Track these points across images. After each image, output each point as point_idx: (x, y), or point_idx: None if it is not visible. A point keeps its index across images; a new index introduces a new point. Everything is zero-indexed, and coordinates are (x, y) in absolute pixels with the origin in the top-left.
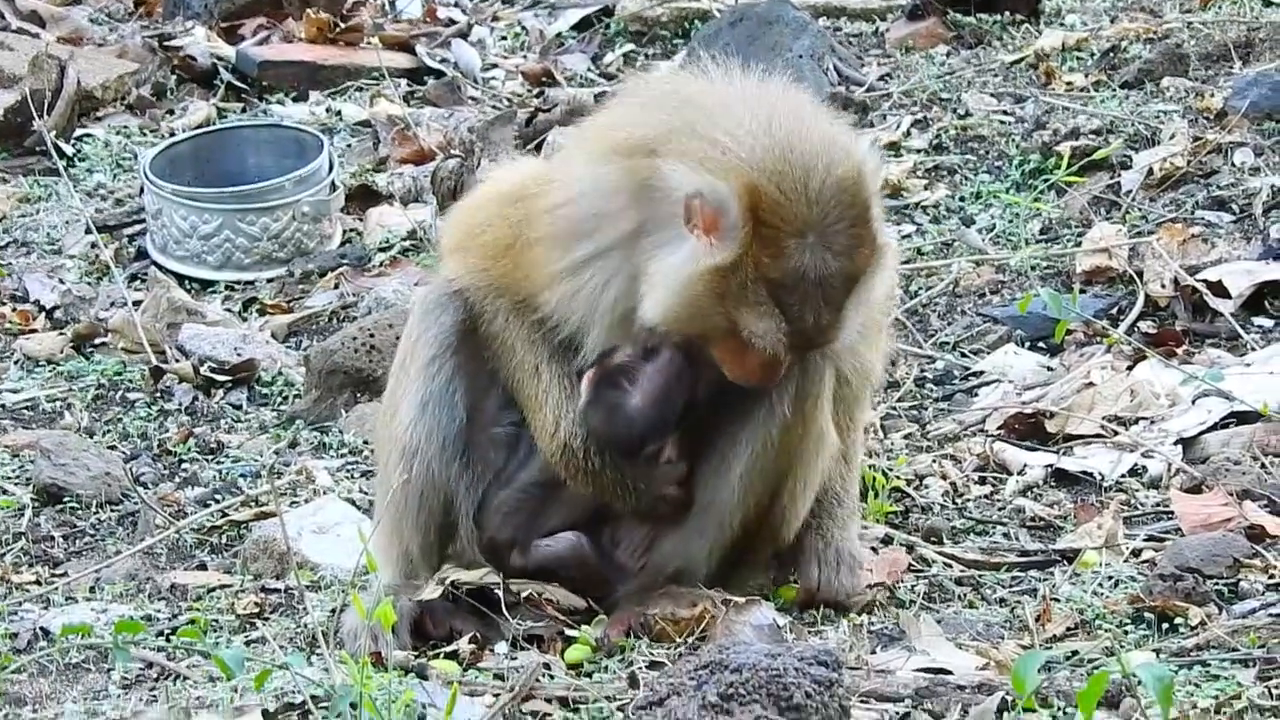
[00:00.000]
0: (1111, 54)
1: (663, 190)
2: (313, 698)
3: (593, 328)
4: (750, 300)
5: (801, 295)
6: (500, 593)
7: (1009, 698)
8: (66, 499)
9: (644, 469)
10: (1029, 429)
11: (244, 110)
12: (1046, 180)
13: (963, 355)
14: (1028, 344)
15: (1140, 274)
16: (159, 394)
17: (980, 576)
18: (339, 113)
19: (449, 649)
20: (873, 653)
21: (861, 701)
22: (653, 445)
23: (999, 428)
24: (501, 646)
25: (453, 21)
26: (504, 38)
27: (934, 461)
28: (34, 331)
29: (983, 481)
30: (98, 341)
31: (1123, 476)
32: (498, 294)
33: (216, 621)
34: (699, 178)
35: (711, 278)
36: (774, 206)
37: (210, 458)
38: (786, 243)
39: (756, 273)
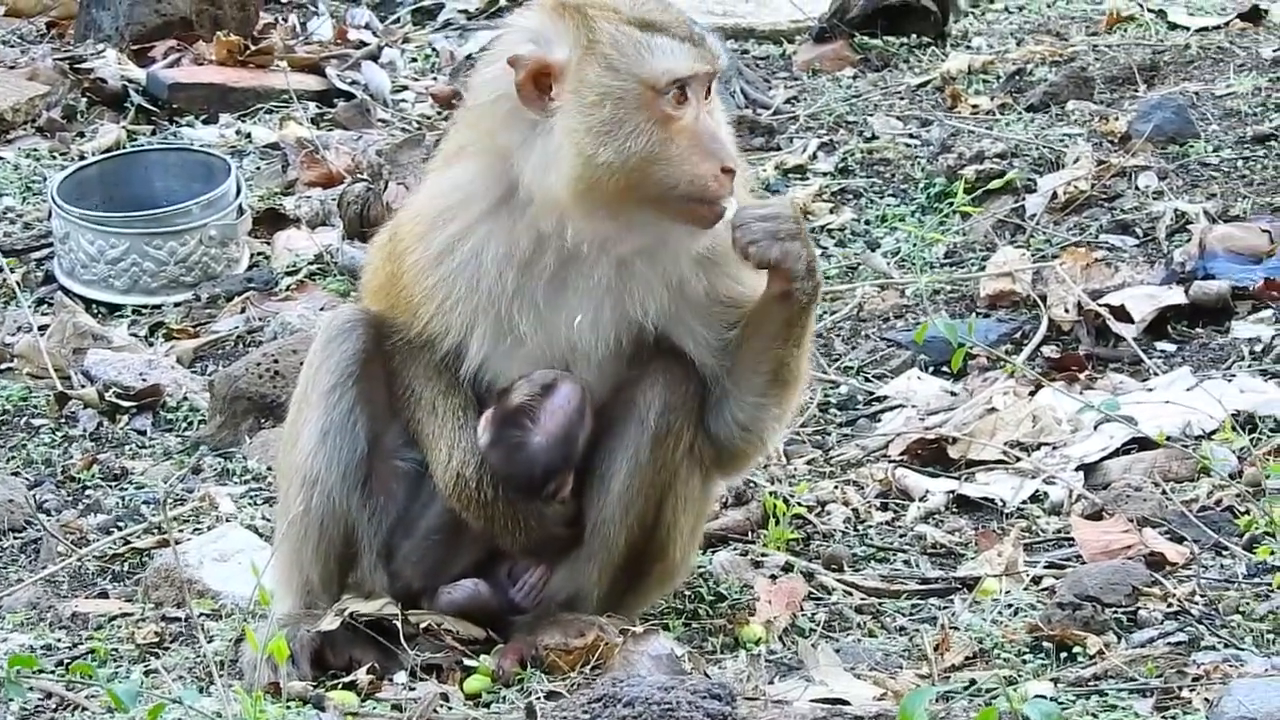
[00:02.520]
0: (1017, 77)
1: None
2: None
3: (476, 323)
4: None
5: (665, 20)
6: (399, 624)
7: None
8: None
9: (536, 506)
10: (931, 455)
11: (154, 133)
12: (951, 204)
13: (866, 380)
14: (931, 369)
15: (1044, 298)
16: (64, 420)
17: (880, 604)
18: (249, 135)
19: (347, 679)
20: (770, 683)
21: None
22: (554, 483)
23: (901, 453)
24: (400, 676)
25: (363, 44)
26: (414, 60)
27: (836, 487)
28: None
29: (885, 508)
30: (3, 367)
31: (1024, 503)
32: (393, 332)
33: (117, 651)
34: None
35: (597, 88)
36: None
37: (114, 484)
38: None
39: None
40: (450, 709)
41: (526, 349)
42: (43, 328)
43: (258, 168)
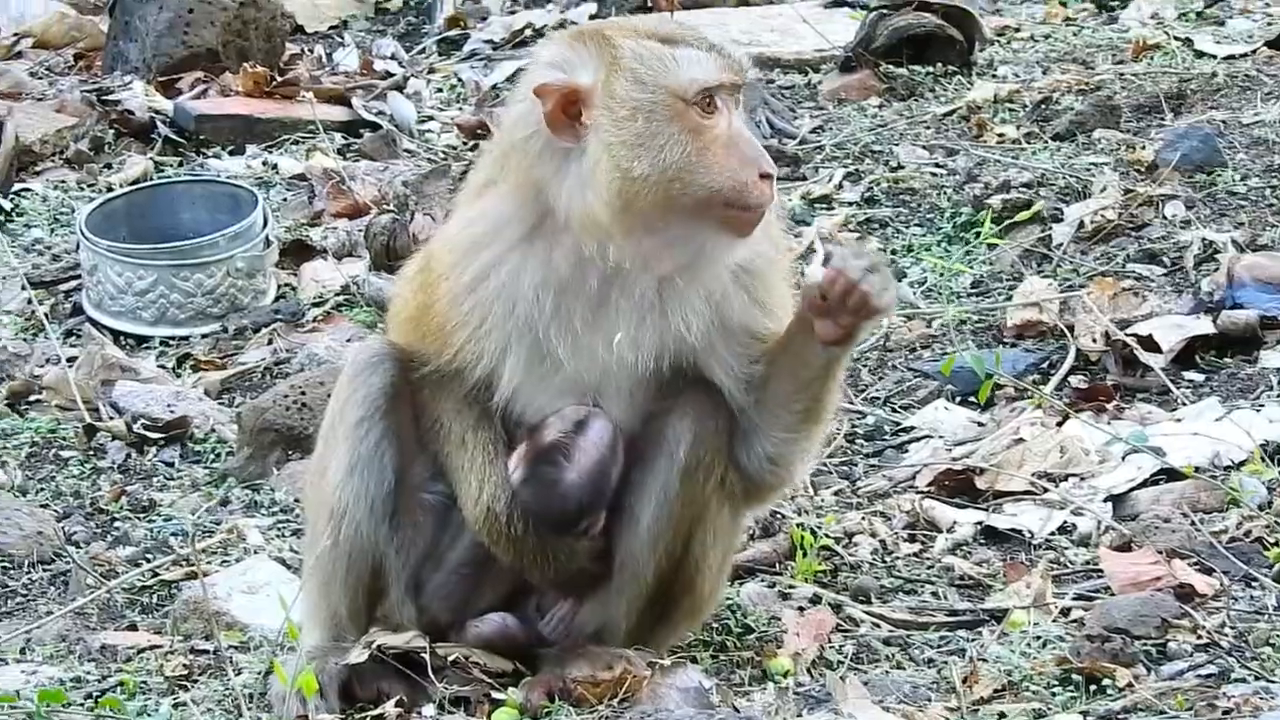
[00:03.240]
0: (1043, 106)
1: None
2: None
3: (511, 348)
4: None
5: (689, 34)
6: (427, 656)
7: None
8: None
9: (567, 541)
10: (959, 485)
11: (181, 164)
12: (977, 234)
13: (893, 410)
14: (958, 399)
15: (1071, 328)
16: (92, 452)
17: (909, 636)
18: (275, 166)
19: (375, 712)
20: (799, 716)
21: None
22: (587, 519)
23: (929, 484)
24: (429, 709)
25: (389, 74)
26: (440, 90)
27: (864, 519)
28: None
29: (912, 539)
30: (32, 399)
31: (1052, 534)
32: (421, 364)
33: (146, 684)
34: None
35: (628, 102)
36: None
37: (142, 516)
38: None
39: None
40: None
41: (561, 375)
42: (71, 360)
43: (284, 199)
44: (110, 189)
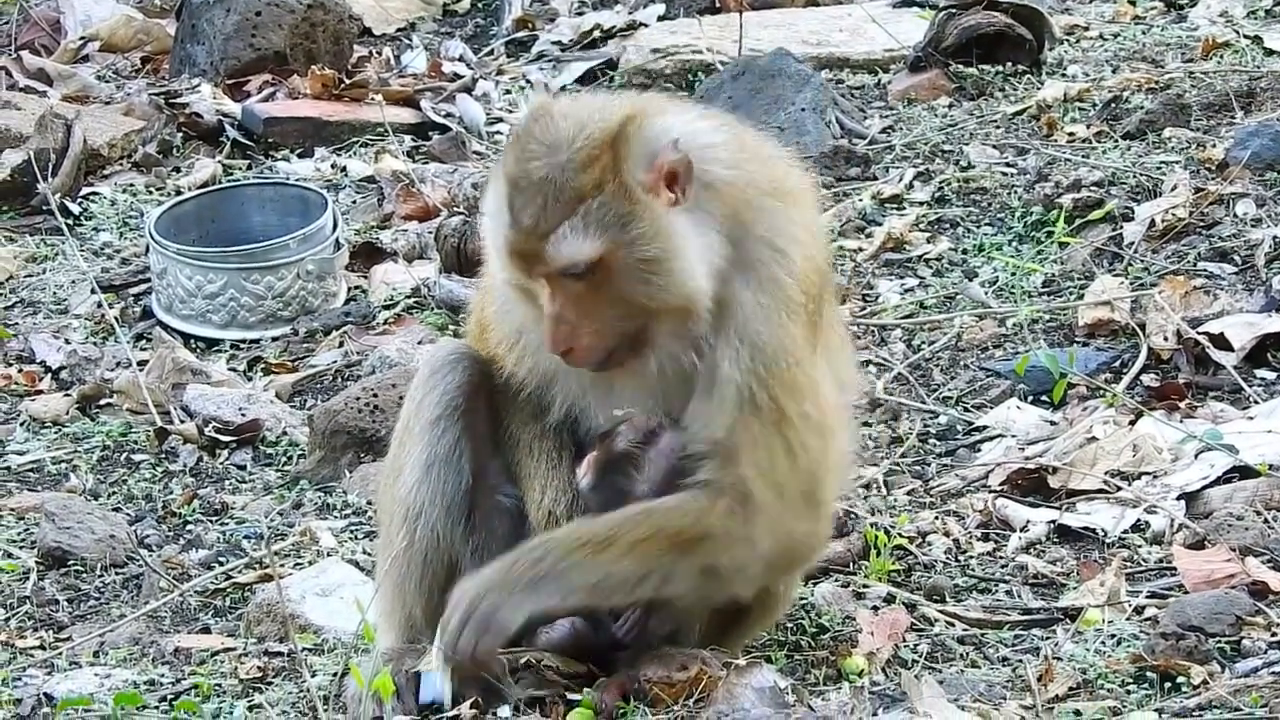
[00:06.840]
0: (1113, 105)
1: None
2: None
3: (557, 371)
4: (493, 205)
5: (523, 198)
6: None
7: None
8: (71, 562)
9: None
10: (1032, 484)
11: (250, 167)
12: (1049, 233)
13: (966, 410)
14: (1030, 398)
15: (1143, 327)
16: (164, 455)
17: (983, 635)
18: (344, 169)
19: (451, 714)
20: (874, 715)
21: None
22: None
23: (1002, 483)
24: (504, 711)
25: (457, 76)
26: (508, 92)
27: (937, 518)
28: (40, 393)
29: (985, 538)
30: (103, 402)
31: (1125, 532)
32: (493, 370)
33: (220, 686)
34: None
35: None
36: (524, 126)
37: (214, 519)
38: (518, 147)
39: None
40: None
41: (611, 397)
42: (142, 363)
43: (354, 201)
44: (179, 192)
